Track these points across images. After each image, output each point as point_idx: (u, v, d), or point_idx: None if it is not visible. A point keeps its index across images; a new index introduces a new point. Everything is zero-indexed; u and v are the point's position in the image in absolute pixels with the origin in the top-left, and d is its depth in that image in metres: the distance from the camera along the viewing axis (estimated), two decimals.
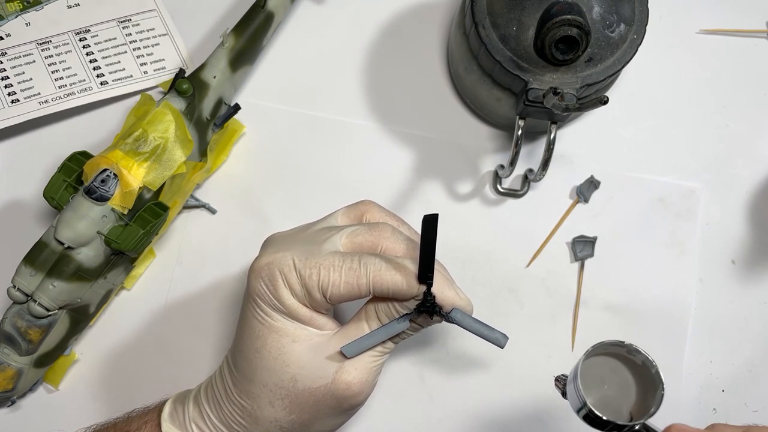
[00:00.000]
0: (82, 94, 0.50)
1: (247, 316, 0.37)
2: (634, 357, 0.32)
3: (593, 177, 0.50)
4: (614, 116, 0.52)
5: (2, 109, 0.49)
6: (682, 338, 0.48)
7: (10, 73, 0.50)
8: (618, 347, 0.32)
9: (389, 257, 0.35)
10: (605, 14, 0.43)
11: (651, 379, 0.31)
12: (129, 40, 0.51)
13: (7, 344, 0.42)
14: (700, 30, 0.53)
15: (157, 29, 0.52)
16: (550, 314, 0.49)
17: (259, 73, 0.52)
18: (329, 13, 0.53)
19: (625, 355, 0.32)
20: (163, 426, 0.38)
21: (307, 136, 0.51)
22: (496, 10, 0.43)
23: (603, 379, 0.32)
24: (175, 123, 0.43)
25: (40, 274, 0.41)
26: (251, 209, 0.50)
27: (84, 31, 0.51)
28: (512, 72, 0.43)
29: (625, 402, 0.32)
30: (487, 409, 0.47)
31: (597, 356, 0.32)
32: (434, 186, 0.50)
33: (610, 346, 0.32)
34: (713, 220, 0.50)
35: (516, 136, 0.44)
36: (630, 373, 0.32)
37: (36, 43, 0.50)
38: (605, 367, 0.33)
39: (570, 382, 0.32)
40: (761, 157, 0.52)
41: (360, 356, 0.36)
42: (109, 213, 0.41)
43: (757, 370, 0.48)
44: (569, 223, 0.50)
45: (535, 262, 0.49)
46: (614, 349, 0.32)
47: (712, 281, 0.49)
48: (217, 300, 0.49)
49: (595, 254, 0.49)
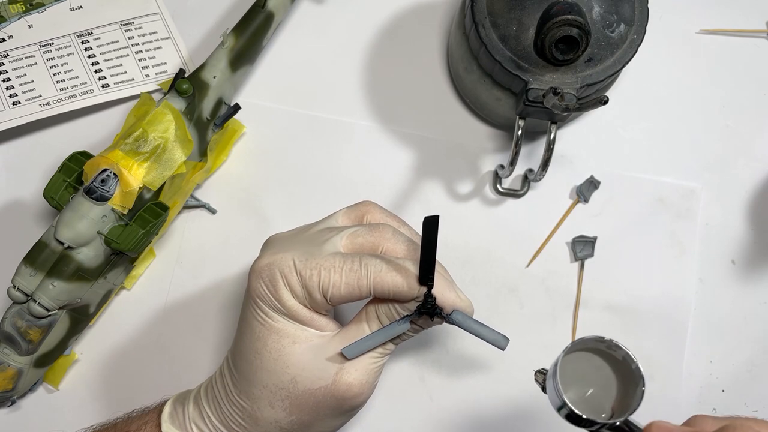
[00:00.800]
0: (83, 97, 0.50)
1: (248, 317, 0.37)
2: (615, 352, 0.31)
3: (593, 177, 0.50)
4: (614, 116, 0.52)
5: (3, 111, 0.49)
6: (682, 338, 0.48)
7: (11, 75, 0.50)
8: (598, 343, 0.31)
9: (390, 258, 0.35)
10: (605, 14, 0.43)
11: (632, 375, 0.30)
12: (131, 43, 0.51)
13: (7, 344, 0.42)
14: (700, 30, 0.53)
15: (160, 32, 0.52)
16: (550, 314, 0.49)
17: (259, 73, 0.52)
18: (329, 13, 0.53)
19: (606, 350, 0.32)
20: (163, 426, 0.38)
21: (307, 136, 0.51)
22: (496, 10, 0.43)
23: (583, 375, 0.32)
24: (175, 123, 0.43)
25: (40, 274, 0.41)
26: (251, 209, 0.50)
27: (86, 33, 0.51)
28: (512, 72, 0.43)
29: (606, 398, 0.31)
30: (486, 409, 0.47)
31: (577, 352, 0.32)
32: (434, 186, 0.50)
33: (590, 341, 0.31)
34: (713, 220, 0.50)
35: (516, 136, 0.44)
36: (611, 369, 0.32)
37: (38, 45, 0.50)
38: (586, 363, 0.32)
39: (549, 379, 0.31)
40: (761, 157, 0.52)
41: (360, 357, 0.36)
42: (109, 213, 0.41)
43: (757, 370, 0.48)
44: (569, 223, 0.50)
45: (535, 262, 0.49)
46: (594, 345, 0.31)
47: (712, 281, 0.49)
48: (217, 300, 0.49)
49: (595, 254, 0.49)
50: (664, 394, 0.47)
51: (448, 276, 0.37)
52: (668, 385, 0.48)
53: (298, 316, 0.35)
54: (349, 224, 0.39)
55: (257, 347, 0.36)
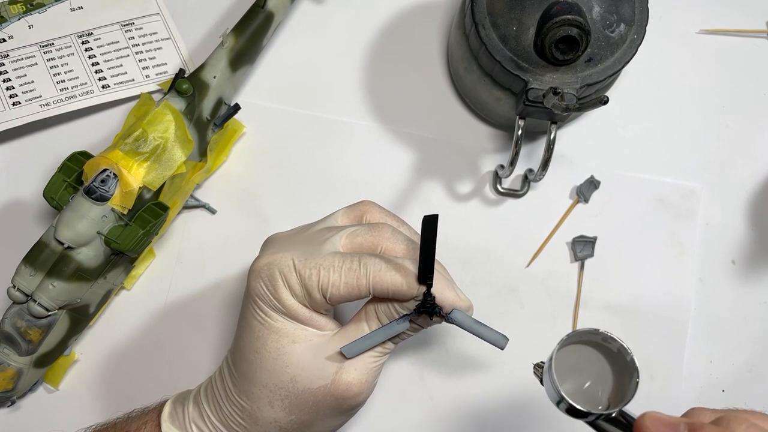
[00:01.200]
0: (83, 97, 0.50)
1: (247, 317, 0.37)
2: (610, 345, 0.32)
3: (593, 177, 0.50)
4: (614, 116, 0.52)
5: (3, 111, 0.49)
6: (682, 338, 0.48)
7: (11, 75, 0.50)
8: (593, 335, 0.31)
9: (389, 258, 0.35)
10: (605, 14, 0.43)
11: (627, 367, 0.31)
12: (132, 44, 0.51)
13: (7, 344, 0.42)
14: (700, 30, 0.53)
15: (160, 33, 0.52)
16: (550, 314, 0.49)
17: (259, 73, 0.52)
18: (329, 13, 0.53)
19: (601, 343, 0.32)
20: (163, 426, 0.38)
21: (307, 135, 0.51)
22: (496, 10, 0.43)
23: (579, 367, 0.32)
24: (175, 123, 0.43)
25: (40, 274, 0.41)
26: (251, 209, 0.50)
27: (87, 34, 0.51)
28: (512, 72, 0.43)
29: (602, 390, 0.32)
30: (486, 408, 0.47)
31: (573, 345, 0.32)
32: (434, 186, 0.50)
33: (586, 334, 0.31)
34: (713, 220, 0.50)
35: (516, 136, 0.44)
36: (606, 361, 0.32)
37: (38, 46, 0.50)
38: (581, 356, 0.32)
39: (545, 372, 0.31)
40: (761, 157, 0.52)
41: (360, 357, 0.35)
42: (109, 213, 0.41)
43: (757, 370, 0.48)
44: (569, 223, 0.50)
45: (535, 262, 0.49)
46: (589, 337, 0.32)
47: (712, 281, 0.49)
48: (217, 300, 0.49)
49: (595, 254, 0.49)
50: (664, 394, 0.47)
51: (448, 275, 0.37)
52: (668, 385, 0.48)
53: (297, 316, 0.35)
54: (349, 224, 0.39)
55: (257, 347, 0.36)
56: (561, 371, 0.31)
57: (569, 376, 0.32)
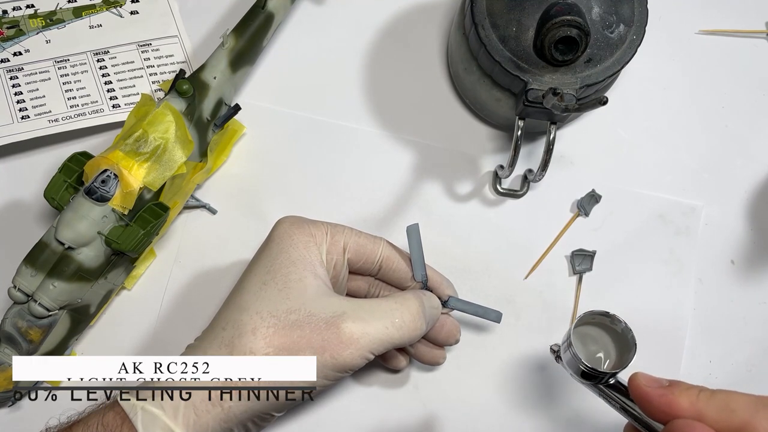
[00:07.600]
0: (92, 115, 0.49)
1: (261, 258, 0.39)
2: (615, 326, 0.39)
3: (594, 191, 0.50)
4: (614, 117, 0.52)
5: (11, 125, 0.49)
6: (681, 338, 0.48)
7: (23, 89, 0.50)
8: (603, 317, 0.39)
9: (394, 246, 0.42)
10: (605, 15, 0.43)
11: (627, 343, 0.38)
12: (147, 65, 0.51)
13: (8, 344, 0.42)
14: (699, 30, 0.54)
15: (176, 56, 0.52)
16: (546, 327, 0.48)
17: (259, 74, 0.52)
18: (329, 14, 0.54)
19: (608, 324, 0.39)
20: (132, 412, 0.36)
21: (307, 136, 0.51)
22: (495, 11, 0.43)
23: (590, 342, 0.40)
24: (176, 123, 0.43)
25: (40, 274, 0.41)
26: (251, 210, 0.50)
27: (103, 52, 0.51)
28: (512, 72, 0.43)
29: (607, 362, 0.39)
30: (481, 419, 0.47)
31: (584, 325, 0.40)
32: (433, 187, 0.50)
33: (596, 315, 0.39)
34: (713, 220, 0.50)
35: (516, 136, 0.44)
36: (610, 338, 0.40)
37: (54, 61, 0.50)
38: (591, 333, 0.40)
39: (565, 347, 0.38)
40: (761, 158, 0.52)
41: (370, 321, 0.36)
42: (109, 213, 0.41)
43: (756, 370, 0.48)
44: (569, 236, 0.50)
45: (533, 275, 0.49)
46: (599, 319, 0.39)
47: (711, 281, 0.49)
48: (217, 300, 0.49)
49: (593, 268, 0.49)
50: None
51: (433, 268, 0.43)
52: None
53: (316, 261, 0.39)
54: None
55: (265, 279, 0.37)
56: (576, 345, 0.37)
57: (581, 349, 0.39)
